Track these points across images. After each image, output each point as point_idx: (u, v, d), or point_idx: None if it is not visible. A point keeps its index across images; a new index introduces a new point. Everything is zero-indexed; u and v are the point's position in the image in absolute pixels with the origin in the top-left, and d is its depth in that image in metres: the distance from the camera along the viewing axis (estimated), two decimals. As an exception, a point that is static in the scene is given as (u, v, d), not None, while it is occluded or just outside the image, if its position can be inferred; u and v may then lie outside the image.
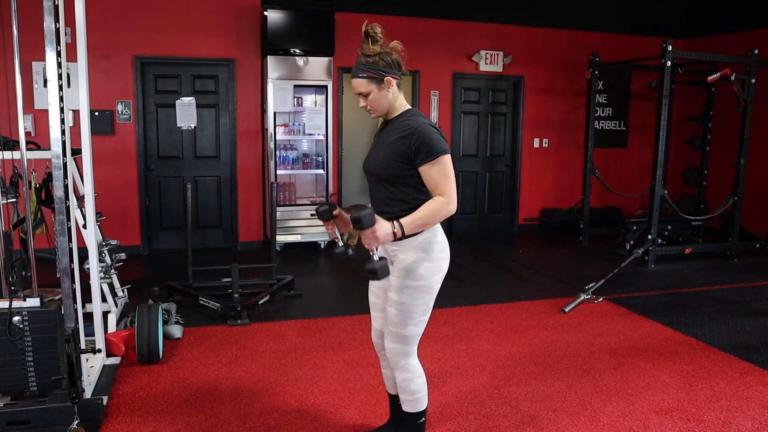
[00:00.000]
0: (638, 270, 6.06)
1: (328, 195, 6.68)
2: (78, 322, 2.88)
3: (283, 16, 6.22)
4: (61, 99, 2.72)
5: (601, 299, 4.95)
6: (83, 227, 3.53)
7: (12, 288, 2.79)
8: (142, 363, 3.52)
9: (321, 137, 6.64)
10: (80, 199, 3.62)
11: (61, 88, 2.72)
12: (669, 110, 6.12)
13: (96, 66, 5.98)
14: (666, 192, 6.30)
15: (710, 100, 7.07)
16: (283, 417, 2.95)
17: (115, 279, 4.26)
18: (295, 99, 6.46)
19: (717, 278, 5.82)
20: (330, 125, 6.56)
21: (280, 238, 6.47)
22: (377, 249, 2.10)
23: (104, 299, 3.93)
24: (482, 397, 3.19)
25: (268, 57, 6.25)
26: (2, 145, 2.98)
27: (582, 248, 7.15)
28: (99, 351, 3.33)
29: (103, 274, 3.77)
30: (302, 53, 6.32)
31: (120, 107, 6.20)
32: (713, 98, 7.07)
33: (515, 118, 7.89)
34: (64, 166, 2.77)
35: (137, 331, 3.48)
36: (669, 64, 5.92)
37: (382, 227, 2.07)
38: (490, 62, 7.46)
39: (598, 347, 3.94)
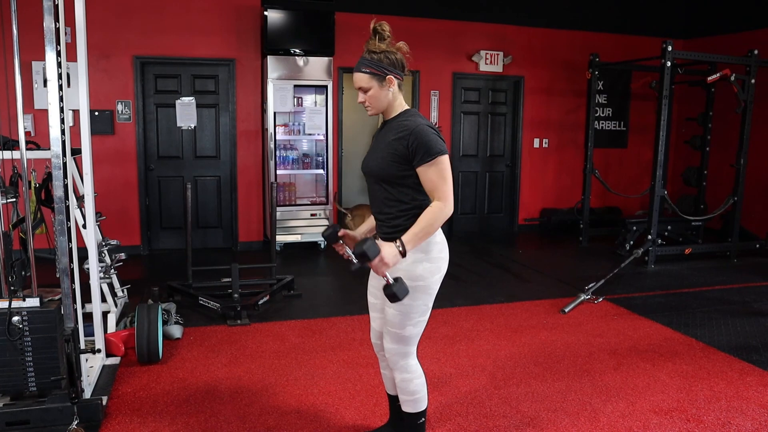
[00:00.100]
0: (638, 270, 6.06)
1: (329, 195, 6.68)
2: (77, 322, 2.88)
3: (283, 16, 6.22)
4: (61, 99, 2.72)
5: (601, 299, 4.95)
6: (83, 227, 3.53)
7: (12, 288, 2.79)
8: (142, 363, 3.52)
9: (321, 137, 6.64)
10: (80, 199, 3.62)
11: (61, 88, 2.72)
12: (669, 110, 6.12)
13: (96, 66, 5.97)
14: (666, 192, 6.29)
15: (710, 101, 7.07)
16: (283, 417, 2.95)
17: (115, 279, 4.26)
18: (295, 99, 6.46)
19: (717, 278, 5.82)
20: (330, 125, 6.56)
21: (280, 238, 6.47)
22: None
23: (104, 299, 3.93)
24: (482, 398, 3.19)
25: (268, 57, 6.25)
26: (2, 145, 2.98)
27: (582, 248, 7.15)
28: (98, 351, 3.32)
29: (103, 274, 3.77)
30: (302, 53, 6.32)
31: (120, 107, 6.19)
32: (713, 98, 7.07)
33: (515, 118, 7.89)
34: (64, 166, 2.77)
35: (137, 331, 3.48)
36: (669, 65, 5.92)
37: (388, 252, 2.07)
38: (490, 62, 7.46)
39: (598, 347, 3.93)
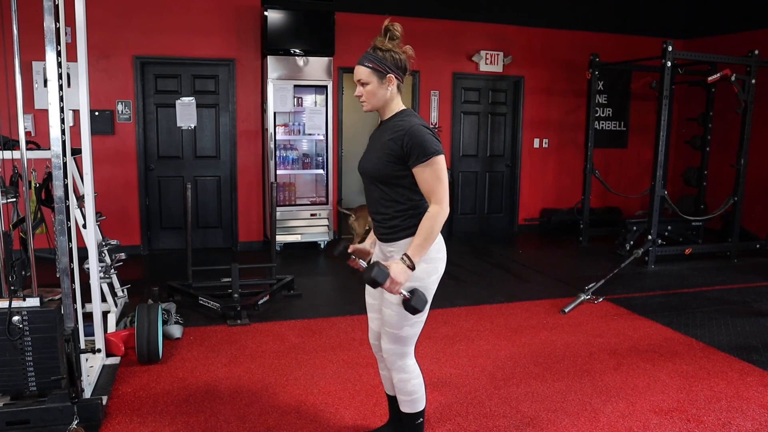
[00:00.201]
0: (638, 270, 6.06)
1: (329, 195, 6.68)
2: (78, 322, 2.87)
3: (283, 16, 6.22)
4: (61, 99, 2.72)
5: (601, 299, 4.95)
6: (83, 227, 3.53)
7: (12, 288, 2.79)
8: (142, 363, 3.52)
9: (321, 137, 6.64)
10: (80, 199, 3.62)
11: (61, 88, 2.72)
12: (669, 110, 6.12)
13: (96, 66, 5.97)
14: (666, 192, 6.29)
15: (710, 101, 7.07)
16: (283, 417, 2.95)
17: (115, 279, 4.26)
18: (295, 99, 6.46)
19: (717, 278, 5.82)
20: (330, 125, 6.56)
21: (280, 238, 6.47)
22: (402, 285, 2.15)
23: (104, 299, 3.93)
24: (482, 398, 3.19)
25: (268, 57, 6.25)
26: (2, 145, 2.98)
27: (582, 248, 7.15)
28: (99, 351, 3.32)
29: (103, 274, 3.77)
30: (302, 53, 6.32)
31: (120, 107, 6.20)
32: (713, 99, 7.06)
33: (515, 119, 7.89)
34: (64, 166, 2.77)
35: (137, 331, 3.48)
36: (669, 65, 5.91)
37: (396, 271, 2.10)
38: (490, 62, 7.46)
39: (598, 347, 3.93)
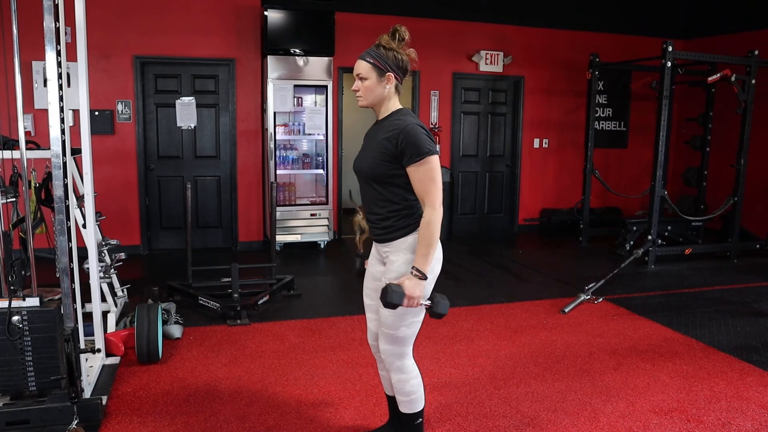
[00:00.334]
0: (638, 270, 6.06)
1: (329, 195, 6.67)
2: (77, 322, 2.87)
3: (283, 16, 6.22)
4: (61, 98, 2.72)
5: (601, 299, 4.94)
6: (83, 227, 3.53)
7: (11, 287, 2.79)
8: (142, 363, 3.52)
9: (321, 137, 6.64)
10: (80, 199, 3.62)
11: (61, 88, 2.72)
12: (669, 111, 6.11)
13: (96, 66, 5.97)
14: (666, 192, 6.29)
15: (710, 101, 7.07)
16: (283, 417, 2.94)
17: (115, 279, 4.26)
18: (295, 99, 6.46)
19: (717, 279, 5.82)
20: (330, 125, 6.56)
21: (280, 238, 6.47)
22: (423, 300, 2.19)
23: (104, 299, 3.93)
24: (482, 398, 3.18)
25: (268, 57, 6.25)
26: (2, 145, 2.98)
27: (582, 248, 7.15)
28: (98, 351, 3.32)
29: (103, 274, 3.77)
30: (302, 53, 6.31)
31: (120, 107, 6.19)
32: (713, 99, 7.06)
33: (515, 119, 7.89)
34: (64, 166, 2.77)
35: (137, 331, 3.47)
36: (669, 65, 5.91)
37: (410, 287, 2.12)
38: (490, 62, 7.46)
39: (598, 348, 3.93)
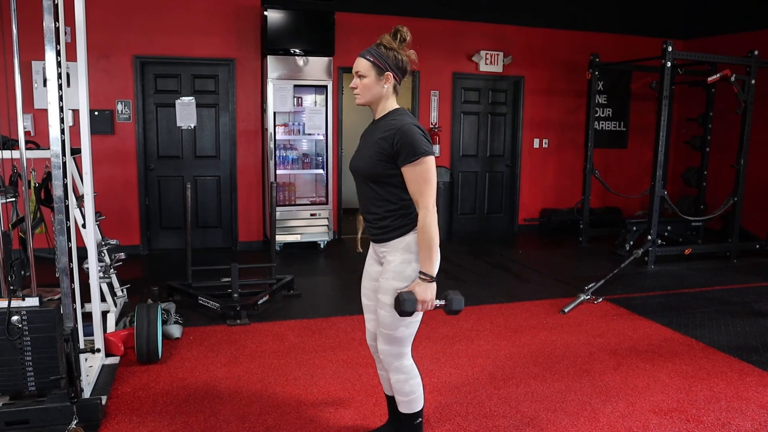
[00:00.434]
0: (638, 270, 6.06)
1: (329, 195, 6.67)
2: (77, 322, 2.87)
3: (283, 16, 6.22)
4: (61, 98, 2.72)
5: (601, 300, 4.94)
6: (82, 227, 3.53)
7: (11, 287, 2.79)
8: (141, 363, 3.52)
9: (321, 137, 6.64)
10: (79, 199, 3.62)
11: (61, 88, 2.72)
12: (669, 111, 6.11)
13: (96, 66, 5.97)
14: (666, 192, 6.29)
15: (710, 101, 7.07)
16: (283, 417, 2.94)
17: (115, 279, 4.26)
18: (295, 99, 6.46)
19: (717, 279, 5.82)
20: (330, 125, 6.56)
21: (280, 238, 6.47)
22: (436, 302, 2.22)
23: (103, 299, 3.93)
24: (482, 398, 3.18)
25: (268, 57, 6.25)
26: (2, 145, 2.97)
27: (582, 248, 7.15)
28: (98, 351, 3.32)
29: (103, 274, 3.77)
30: (302, 53, 6.31)
31: (120, 107, 6.19)
32: (713, 99, 7.06)
33: (515, 119, 7.89)
34: (64, 166, 2.77)
35: (136, 331, 3.47)
36: (669, 65, 5.91)
37: (421, 293, 2.15)
38: (490, 62, 7.46)
39: (598, 348, 3.93)
